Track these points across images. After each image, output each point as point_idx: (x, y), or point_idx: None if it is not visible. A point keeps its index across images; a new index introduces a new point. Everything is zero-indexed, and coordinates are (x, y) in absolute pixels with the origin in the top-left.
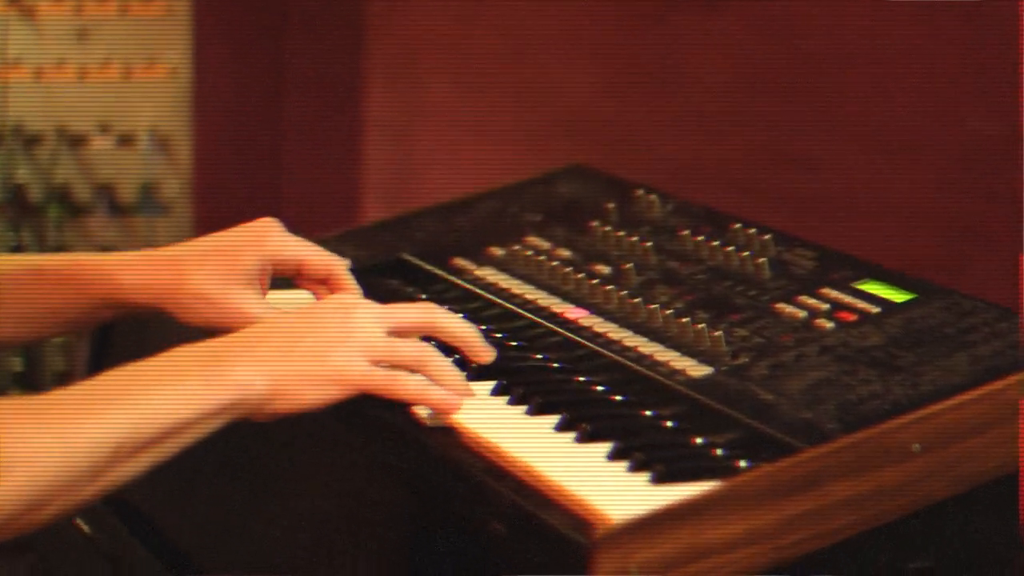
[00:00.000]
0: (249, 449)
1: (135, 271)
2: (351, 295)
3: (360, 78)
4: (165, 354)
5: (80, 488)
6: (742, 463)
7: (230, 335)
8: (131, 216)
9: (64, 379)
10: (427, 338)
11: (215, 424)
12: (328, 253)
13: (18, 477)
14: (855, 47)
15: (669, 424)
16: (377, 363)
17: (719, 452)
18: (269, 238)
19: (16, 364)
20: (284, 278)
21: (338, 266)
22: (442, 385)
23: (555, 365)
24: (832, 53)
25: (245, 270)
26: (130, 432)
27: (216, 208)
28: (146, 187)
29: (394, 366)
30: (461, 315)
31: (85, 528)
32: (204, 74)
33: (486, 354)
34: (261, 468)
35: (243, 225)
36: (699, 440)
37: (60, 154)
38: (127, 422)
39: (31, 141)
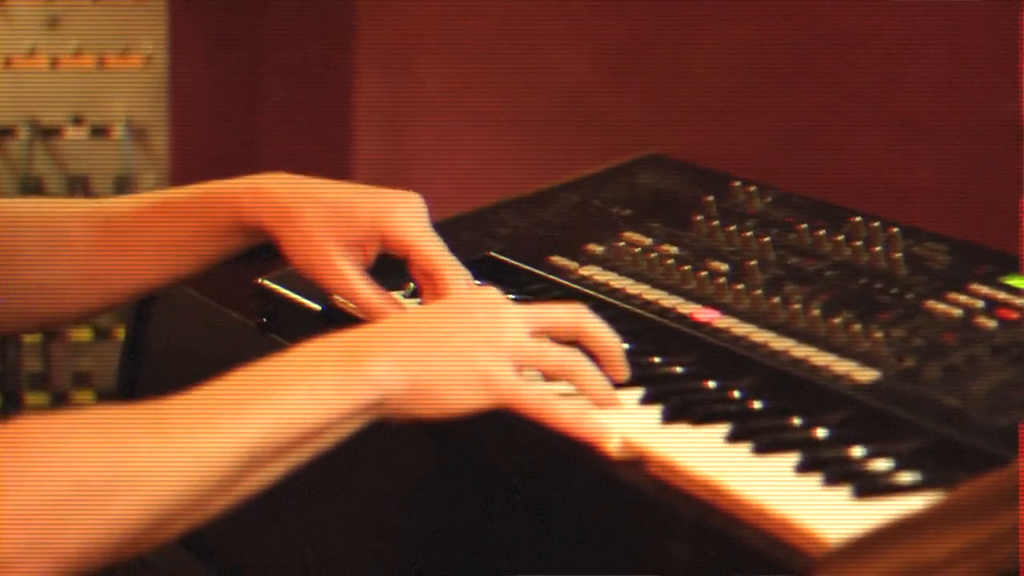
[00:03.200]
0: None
1: (256, 196)
2: (495, 291)
3: (348, 65)
4: (297, 350)
5: (210, 501)
6: (945, 475)
7: (369, 327)
8: None
9: (40, 380)
10: None
11: (353, 426)
12: (443, 256)
13: (139, 493)
14: (873, 27)
15: (851, 433)
16: (522, 367)
17: (916, 464)
18: (393, 214)
19: None
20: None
21: (447, 271)
22: (589, 394)
23: (700, 370)
24: (849, 34)
25: (352, 233)
26: (263, 439)
27: None
28: (122, 179)
29: (539, 371)
30: None
31: None
32: (180, 62)
33: (623, 371)
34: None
35: (385, 189)
36: (893, 449)
37: (33, 146)
38: (259, 428)
39: (2, 134)
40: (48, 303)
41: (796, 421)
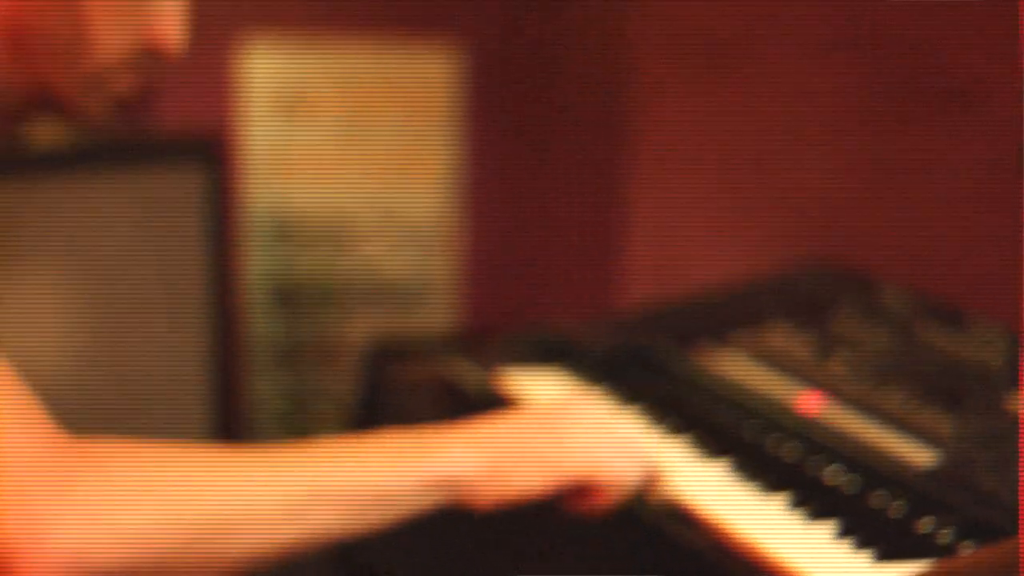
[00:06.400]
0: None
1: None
2: (582, 399)
3: (622, 176)
4: (377, 433)
5: (252, 534)
6: (964, 548)
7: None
8: (403, 309)
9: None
10: None
11: (426, 500)
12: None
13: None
14: None
15: (897, 507)
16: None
17: (941, 536)
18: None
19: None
20: None
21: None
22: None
23: (789, 446)
24: None
25: None
26: (313, 485)
27: (485, 301)
28: (419, 281)
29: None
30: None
31: None
32: (476, 172)
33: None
34: (500, 533)
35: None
36: (924, 523)
37: (338, 250)
38: (313, 475)
39: (310, 240)
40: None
41: (877, 496)
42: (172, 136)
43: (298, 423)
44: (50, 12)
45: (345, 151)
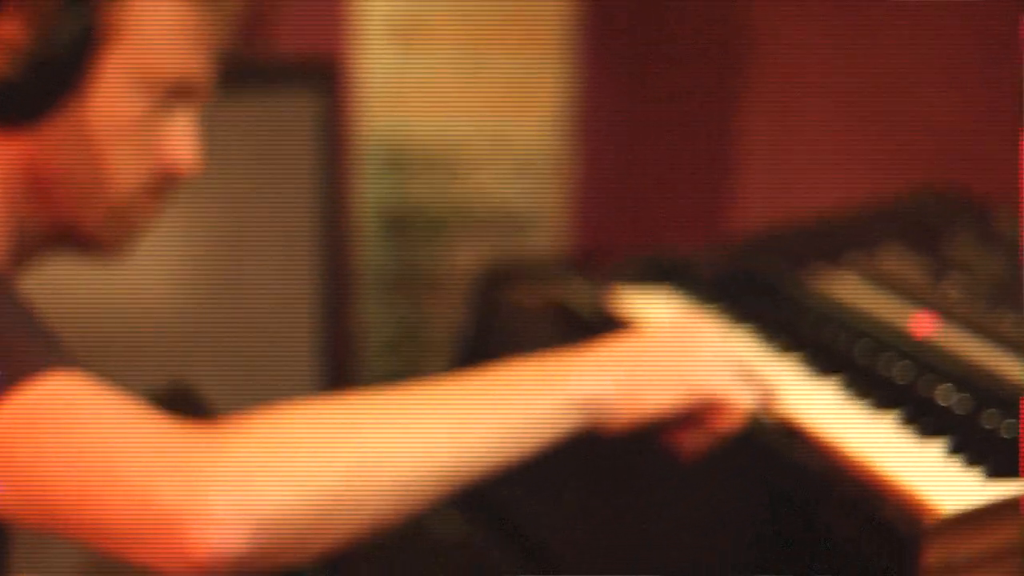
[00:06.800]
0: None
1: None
2: (696, 320)
3: (736, 102)
4: (508, 362)
5: (384, 470)
6: None
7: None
8: (514, 237)
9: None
10: None
11: (568, 422)
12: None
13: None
14: None
15: (1008, 426)
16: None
17: None
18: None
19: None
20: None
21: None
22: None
23: (900, 366)
24: None
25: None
26: (461, 414)
27: (596, 230)
28: (531, 210)
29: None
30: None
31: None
32: (590, 100)
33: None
34: (618, 465)
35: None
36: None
37: (450, 178)
38: (459, 404)
39: (422, 168)
40: None
41: (987, 413)
42: (286, 61)
43: (408, 349)
44: (67, 153)
45: (459, 80)
